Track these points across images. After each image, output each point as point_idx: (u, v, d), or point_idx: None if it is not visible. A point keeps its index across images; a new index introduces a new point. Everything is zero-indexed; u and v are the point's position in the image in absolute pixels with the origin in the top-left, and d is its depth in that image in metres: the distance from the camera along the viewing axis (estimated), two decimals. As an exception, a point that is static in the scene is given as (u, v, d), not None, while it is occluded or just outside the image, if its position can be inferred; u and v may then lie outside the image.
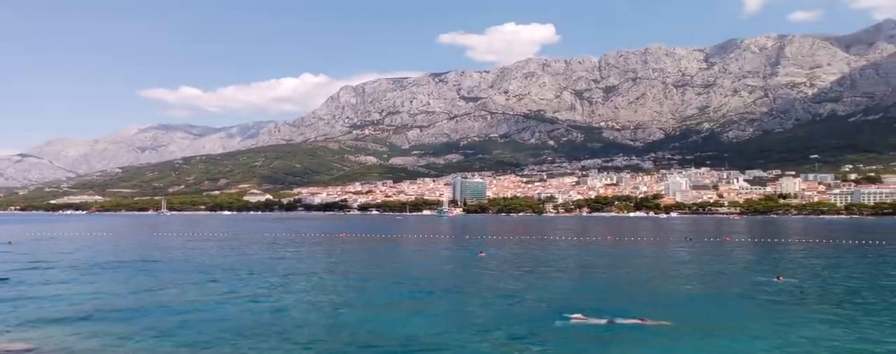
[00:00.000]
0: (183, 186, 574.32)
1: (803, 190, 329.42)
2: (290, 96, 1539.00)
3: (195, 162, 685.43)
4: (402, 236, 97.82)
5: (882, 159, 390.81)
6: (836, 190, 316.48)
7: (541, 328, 22.64)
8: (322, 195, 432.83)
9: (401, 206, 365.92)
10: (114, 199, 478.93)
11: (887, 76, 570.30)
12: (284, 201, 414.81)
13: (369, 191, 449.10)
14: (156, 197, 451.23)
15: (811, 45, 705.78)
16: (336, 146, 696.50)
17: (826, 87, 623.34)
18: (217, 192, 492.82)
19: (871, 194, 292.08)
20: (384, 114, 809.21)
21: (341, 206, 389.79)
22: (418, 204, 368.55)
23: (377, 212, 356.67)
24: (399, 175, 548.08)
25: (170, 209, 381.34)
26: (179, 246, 69.24)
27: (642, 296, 30.83)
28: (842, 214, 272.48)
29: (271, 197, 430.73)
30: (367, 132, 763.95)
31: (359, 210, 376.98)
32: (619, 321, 22.85)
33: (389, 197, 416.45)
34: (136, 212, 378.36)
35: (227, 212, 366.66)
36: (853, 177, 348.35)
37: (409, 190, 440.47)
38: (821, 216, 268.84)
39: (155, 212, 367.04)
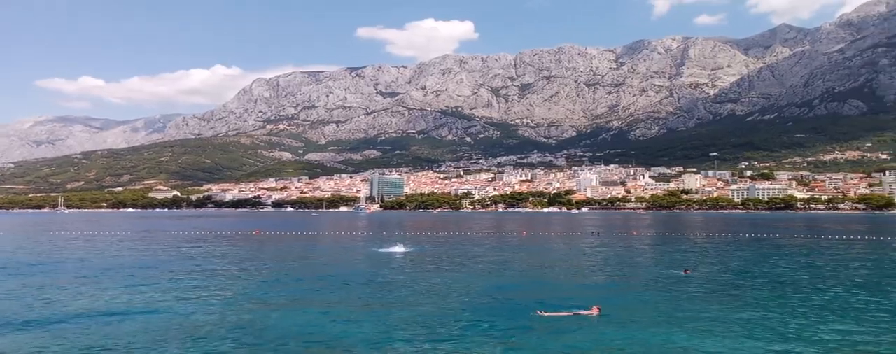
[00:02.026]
0: (82, 182, 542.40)
1: (704, 186, 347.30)
2: (201, 88, 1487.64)
3: (96, 156, 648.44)
4: (318, 233, 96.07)
5: (775, 157, 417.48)
6: (734, 187, 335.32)
7: (492, 325, 22.59)
8: (234, 191, 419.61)
9: (317, 203, 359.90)
10: (6, 196, 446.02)
11: (782, 78, 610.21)
12: (193, 198, 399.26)
13: (284, 188, 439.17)
14: (52, 194, 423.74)
15: (713, 47, 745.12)
16: (249, 141, 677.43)
17: (726, 88, 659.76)
18: (120, 189, 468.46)
19: (764, 190, 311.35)
20: (299, 108, 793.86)
21: (254, 203, 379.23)
22: (335, 201, 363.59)
23: (292, 209, 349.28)
24: (315, 171, 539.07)
25: (68, 206, 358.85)
26: (77, 245, 65.14)
27: (566, 289, 31.36)
28: (738, 209, 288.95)
29: (179, 194, 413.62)
30: (281, 127, 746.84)
31: (273, 207, 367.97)
32: (580, 313, 23.93)
33: (305, 193, 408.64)
34: (31, 210, 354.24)
35: (130, 210, 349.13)
36: (749, 173, 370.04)
37: (326, 187, 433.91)
38: (720, 210, 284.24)
39: (52, 210, 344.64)
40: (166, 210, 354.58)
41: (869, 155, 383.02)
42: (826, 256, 51.45)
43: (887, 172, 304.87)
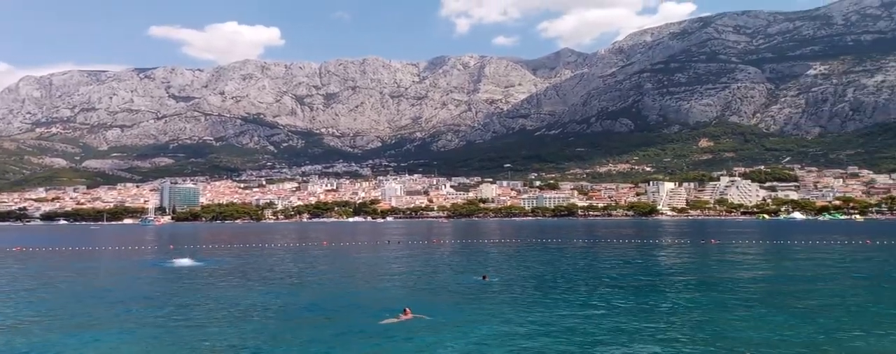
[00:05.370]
0: None
1: (499, 195, 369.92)
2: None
3: None
4: (96, 248, 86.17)
5: (560, 168, 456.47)
6: (525, 196, 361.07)
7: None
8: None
9: (97, 214, 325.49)
10: None
11: (565, 97, 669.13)
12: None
13: (56, 198, 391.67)
14: None
15: (506, 66, 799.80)
16: (13, 146, 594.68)
17: (518, 104, 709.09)
18: None
19: (551, 199, 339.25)
20: (77, 110, 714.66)
21: (19, 216, 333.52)
22: (119, 213, 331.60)
23: (67, 222, 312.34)
24: (95, 180, 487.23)
25: None
26: None
27: (371, 297, 30.79)
28: (529, 216, 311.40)
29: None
30: (54, 130, 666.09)
31: (43, 219, 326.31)
32: (401, 317, 24.09)
33: (82, 204, 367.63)
34: None
35: None
36: (538, 183, 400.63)
37: (108, 197, 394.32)
38: (513, 218, 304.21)
39: None
40: None
41: (636, 167, 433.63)
42: (602, 258, 56.69)
43: (650, 183, 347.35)
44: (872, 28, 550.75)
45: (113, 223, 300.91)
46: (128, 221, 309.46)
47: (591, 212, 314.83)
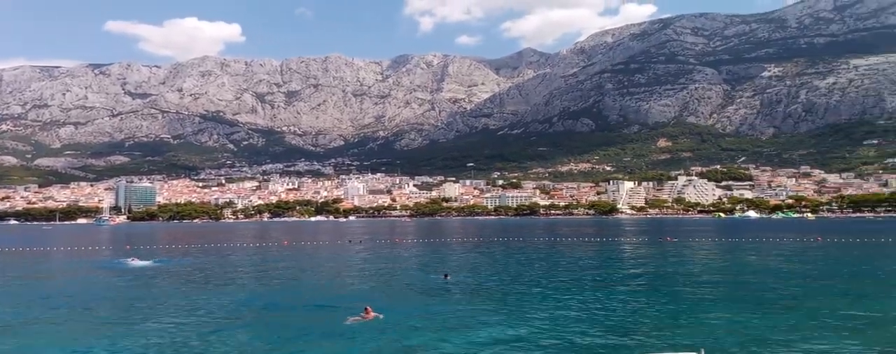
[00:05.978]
0: None
1: (462, 194, 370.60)
2: None
3: None
4: (48, 248, 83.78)
5: (522, 167, 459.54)
6: (488, 194, 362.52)
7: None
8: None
9: (49, 214, 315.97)
10: None
11: (527, 96, 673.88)
12: None
13: (6, 197, 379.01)
14: None
15: (469, 65, 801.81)
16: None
17: (481, 104, 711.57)
18: None
19: (513, 198, 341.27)
20: (28, 107, 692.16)
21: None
22: (72, 212, 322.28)
23: (16, 222, 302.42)
24: (48, 178, 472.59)
25: None
26: None
27: (333, 297, 30.59)
28: (492, 215, 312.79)
29: None
30: (4, 127, 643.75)
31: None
32: (365, 316, 24.09)
33: (34, 203, 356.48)
34: None
35: None
36: (500, 182, 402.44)
37: (61, 196, 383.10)
38: (476, 217, 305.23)
39: None
40: None
41: (597, 167, 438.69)
42: (562, 256, 57.35)
43: (611, 182, 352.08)
44: (825, 31, 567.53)
45: (66, 223, 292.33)
46: (82, 221, 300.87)
47: (552, 211, 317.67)
